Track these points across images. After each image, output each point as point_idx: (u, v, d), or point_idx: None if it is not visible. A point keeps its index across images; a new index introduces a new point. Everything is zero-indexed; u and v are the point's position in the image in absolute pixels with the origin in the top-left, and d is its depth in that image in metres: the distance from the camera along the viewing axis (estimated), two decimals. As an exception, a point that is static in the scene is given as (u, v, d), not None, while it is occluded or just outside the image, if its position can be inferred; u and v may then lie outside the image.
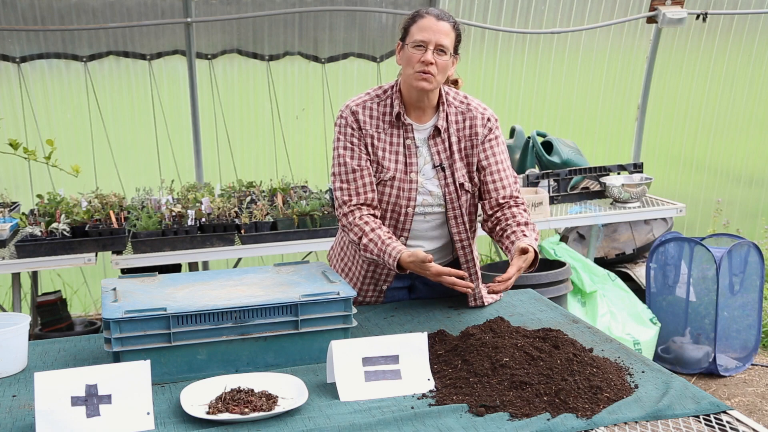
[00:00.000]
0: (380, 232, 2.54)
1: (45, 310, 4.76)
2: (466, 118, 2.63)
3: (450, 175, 2.61)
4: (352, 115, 2.60)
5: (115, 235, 4.01)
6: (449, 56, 2.52)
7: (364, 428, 1.89)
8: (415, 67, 2.50)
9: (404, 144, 2.61)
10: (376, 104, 2.62)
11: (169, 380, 2.20)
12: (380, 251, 2.51)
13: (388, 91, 2.63)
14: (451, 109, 2.63)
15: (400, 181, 2.60)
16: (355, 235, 2.56)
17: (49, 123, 5.30)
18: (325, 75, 5.64)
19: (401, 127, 2.61)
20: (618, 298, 4.64)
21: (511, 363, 2.09)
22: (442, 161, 2.61)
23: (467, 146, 2.62)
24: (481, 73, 5.92)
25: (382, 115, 2.61)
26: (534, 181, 4.79)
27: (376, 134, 2.60)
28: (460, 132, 2.62)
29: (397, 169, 2.60)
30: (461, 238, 2.70)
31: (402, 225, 2.64)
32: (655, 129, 6.35)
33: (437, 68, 2.50)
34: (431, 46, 2.48)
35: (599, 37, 6.03)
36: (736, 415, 1.95)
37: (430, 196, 2.63)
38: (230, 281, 2.48)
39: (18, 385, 2.22)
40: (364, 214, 2.58)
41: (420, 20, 2.52)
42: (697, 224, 6.54)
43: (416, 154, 2.61)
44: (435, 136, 2.61)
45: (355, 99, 2.65)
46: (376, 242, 2.52)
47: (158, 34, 5.30)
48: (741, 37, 6.24)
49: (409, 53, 2.51)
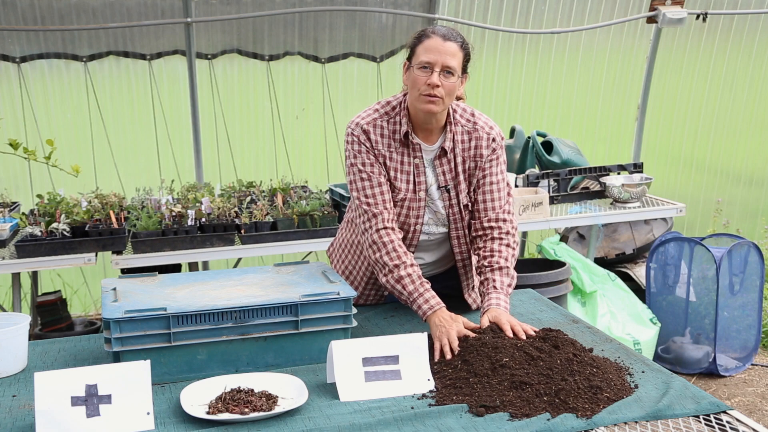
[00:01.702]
0: (417, 269, 2.49)
1: (45, 310, 4.76)
2: (472, 138, 2.58)
3: (455, 196, 2.59)
4: (364, 134, 2.54)
5: (115, 235, 4.00)
6: (457, 77, 2.44)
7: (364, 428, 1.89)
8: (421, 90, 2.43)
9: (413, 163, 2.57)
10: (386, 122, 2.56)
11: (169, 380, 2.20)
12: (415, 290, 2.45)
13: (396, 108, 2.57)
14: (458, 128, 2.58)
15: (410, 201, 2.58)
16: (390, 260, 2.48)
17: (49, 123, 5.30)
18: (325, 75, 5.64)
19: (409, 146, 2.56)
20: (618, 298, 4.64)
21: (511, 363, 2.09)
22: (447, 182, 2.59)
23: (471, 166, 2.59)
24: (481, 73, 5.92)
25: (392, 134, 2.55)
26: (534, 181, 4.79)
27: (388, 154, 2.55)
28: (465, 152, 2.58)
29: (408, 189, 2.57)
30: (462, 257, 2.71)
31: (409, 242, 2.63)
32: (655, 129, 6.35)
33: (444, 90, 2.42)
34: (437, 68, 2.40)
35: (599, 37, 6.03)
36: (736, 415, 1.95)
37: (435, 216, 2.62)
38: (230, 281, 2.48)
39: (18, 385, 2.22)
40: (398, 236, 2.52)
41: (426, 41, 2.43)
42: (697, 224, 6.54)
43: (424, 173, 2.58)
44: (441, 156, 2.57)
45: (364, 116, 2.58)
46: (414, 280, 2.46)
47: (158, 34, 5.30)
48: (741, 37, 6.23)
49: (415, 75, 2.44)
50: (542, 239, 4.85)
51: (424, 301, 2.42)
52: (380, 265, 2.51)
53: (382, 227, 2.51)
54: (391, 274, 2.48)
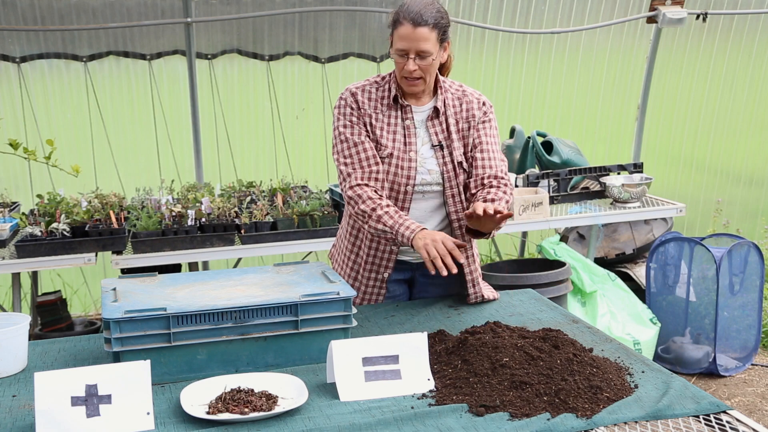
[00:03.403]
0: (394, 208, 2.59)
1: (45, 310, 4.76)
2: (462, 102, 2.72)
3: (448, 154, 2.67)
4: (351, 96, 2.69)
5: (115, 235, 4.01)
6: (433, 54, 2.57)
7: (364, 428, 1.89)
8: (401, 73, 2.60)
9: (403, 125, 2.67)
10: (375, 89, 2.71)
11: (169, 380, 2.20)
12: (395, 223, 2.54)
13: (386, 77, 2.72)
14: (448, 95, 2.71)
15: (399, 159, 2.65)
16: (367, 206, 2.58)
17: (49, 123, 5.30)
18: (325, 75, 5.64)
19: (400, 108, 2.68)
20: (618, 298, 4.64)
21: (511, 363, 2.09)
22: (440, 141, 2.67)
23: (464, 127, 2.70)
24: (481, 73, 5.92)
25: (381, 99, 2.70)
26: (534, 181, 4.79)
27: (375, 114, 2.67)
28: (458, 114, 2.70)
29: (395, 147, 2.65)
30: (458, 217, 2.73)
31: (401, 204, 2.68)
32: (655, 129, 6.35)
33: (422, 71, 2.58)
34: (412, 54, 2.55)
35: (599, 37, 6.03)
36: (736, 415, 1.95)
37: (429, 175, 2.67)
38: (230, 281, 2.48)
39: (18, 385, 2.22)
40: (377, 189, 2.62)
41: (399, 27, 2.56)
42: (697, 224, 6.54)
43: (415, 134, 2.67)
44: (433, 117, 2.69)
45: (356, 83, 2.74)
46: (392, 215, 2.56)
47: (158, 34, 5.30)
48: (741, 37, 6.23)
49: (395, 58, 2.60)
50: (542, 239, 4.85)
51: (405, 228, 2.52)
52: (360, 216, 2.61)
53: (356, 184, 2.62)
54: (371, 219, 2.58)
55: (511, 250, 6.13)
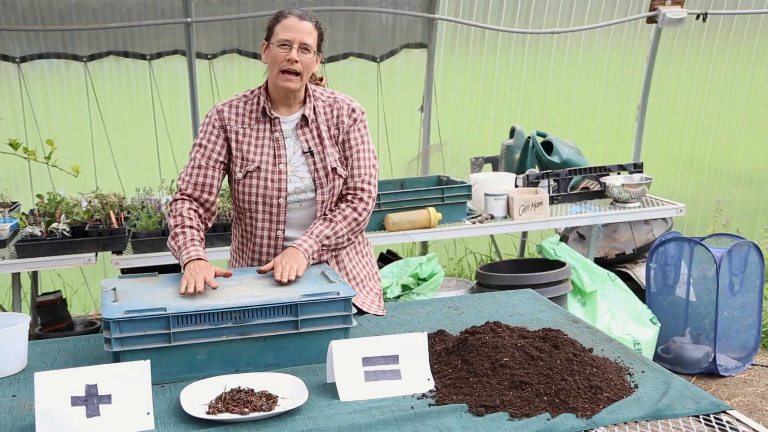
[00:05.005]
0: (195, 232, 2.60)
1: (45, 310, 4.76)
2: (333, 108, 2.74)
3: (320, 160, 2.68)
4: (217, 114, 2.71)
5: (115, 235, 4.01)
6: (313, 54, 2.63)
7: (364, 428, 1.89)
8: (281, 66, 2.61)
9: (272, 137, 2.69)
10: (243, 103, 2.73)
11: (169, 380, 2.20)
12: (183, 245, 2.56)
13: (255, 91, 2.75)
14: (319, 102, 2.74)
15: (268, 172, 2.66)
16: (174, 222, 2.62)
17: (49, 123, 5.30)
18: (325, 75, 5.62)
19: (268, 121, 2.69)
20: (618, 298, 4.63)
21: (511, 363, 2.09)
22: (310, 147, 2.69)
23: (335, 134, 2.72)
24: (481, 73, 5.92)
25: (249, 113, 2.71)
26: (534, 181, 4.79)
27: (242, 129, 2.69)
28: (329, 121, 2.73)
29: (263, 161, 2.66)
30: None
31: (277, 217, 2.69)
32: (655, 129, 6.35)
33: (302, 66, 2.61)
34: (295, 45, 2.59)
35: (599, 37, 6.03)
36: (736, 415, 1.96)
37: (301, 182, 2.69)
38: (230, 281, 2.48)
39: (18, 385, 2.22)
40: (192, 207, 2.66)
41: (284, 20, 2.63)
42: (697, 224, 6.54)
43: (284, 145, 2.69)
44: (303, 125, 2.70)
45: (224, 100, 2.76)
46: (185, 236, 2.58)
47: (158, 34, 5.30)
48: (741, 37, 6.23)
49: (275, 52, 2.61)
50: (542, 239, 4.85)
51: (186, 253, 2.54)
52: (169, 229, 2.66)
53: (179, 197, 2.68)
54: (170, 234, 2.62)
55: (511, 250, 6.13)
